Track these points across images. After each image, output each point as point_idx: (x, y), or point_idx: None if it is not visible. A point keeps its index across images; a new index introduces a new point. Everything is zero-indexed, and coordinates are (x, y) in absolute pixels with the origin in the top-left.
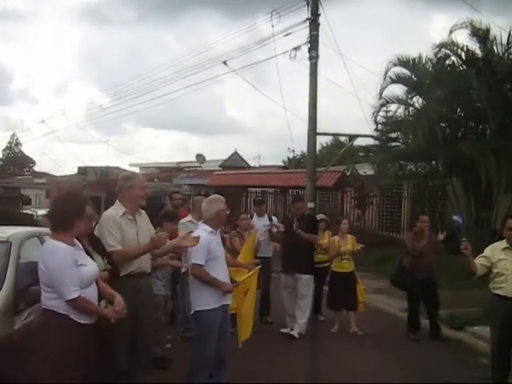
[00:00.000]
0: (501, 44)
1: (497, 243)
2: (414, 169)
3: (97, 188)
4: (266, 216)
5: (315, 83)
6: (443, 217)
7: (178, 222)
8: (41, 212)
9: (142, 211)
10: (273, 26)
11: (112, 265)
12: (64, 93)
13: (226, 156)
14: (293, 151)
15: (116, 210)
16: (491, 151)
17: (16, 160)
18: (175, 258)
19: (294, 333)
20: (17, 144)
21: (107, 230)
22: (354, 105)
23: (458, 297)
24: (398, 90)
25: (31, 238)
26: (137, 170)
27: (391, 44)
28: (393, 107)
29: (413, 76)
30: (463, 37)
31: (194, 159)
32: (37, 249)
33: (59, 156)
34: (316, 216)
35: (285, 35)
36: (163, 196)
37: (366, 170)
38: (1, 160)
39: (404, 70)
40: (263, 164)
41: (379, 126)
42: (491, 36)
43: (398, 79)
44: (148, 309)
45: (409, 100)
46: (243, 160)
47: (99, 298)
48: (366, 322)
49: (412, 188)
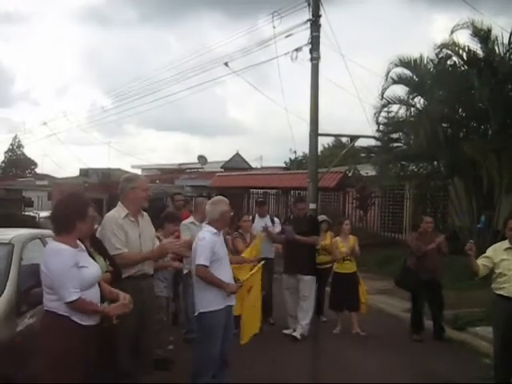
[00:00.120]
0: (502, 44)
1: (499, 243)
2: (416, 169)
3: (99, 190)
4: (268, 217)
5: (317, 84)
6: (445, 217)
7: (180, 224)
8: (43, 214)
9: (144, 213)
10: (274, 27)
11: (114, 266)
12: (66, 94)
13: (228, 157)
14: (294, 152)
15: (118, 212)
16: (493, 151)
17: (18, 162)
18: (177, 260)
19: (297, 334)
20: (19, 146)
21: (111, 233)
22: (356, 106)
23: (461, 297)
24: (400, 91)
25: (33, 240)
26: (139, 172)
27: (392, 45)
28: (394, 108)
29: (414, 76)
30: (465, 37)
31: (196, 161)
32: (39, 251)
33: (61, 158)
34: (318, 217)
35: (286, 36)
36: (165, 197)
37: (368, 171)
38: (3, 162)
39: (405, 71)
40: (265, 165)
41: (381, 127)
42: (493, 36)
43: (400, 80)
44: (150, 310)
45: (410, 100)
46: (245, 161)
47: (101, 300)
48: (369, 323)
49: (414, 189)
